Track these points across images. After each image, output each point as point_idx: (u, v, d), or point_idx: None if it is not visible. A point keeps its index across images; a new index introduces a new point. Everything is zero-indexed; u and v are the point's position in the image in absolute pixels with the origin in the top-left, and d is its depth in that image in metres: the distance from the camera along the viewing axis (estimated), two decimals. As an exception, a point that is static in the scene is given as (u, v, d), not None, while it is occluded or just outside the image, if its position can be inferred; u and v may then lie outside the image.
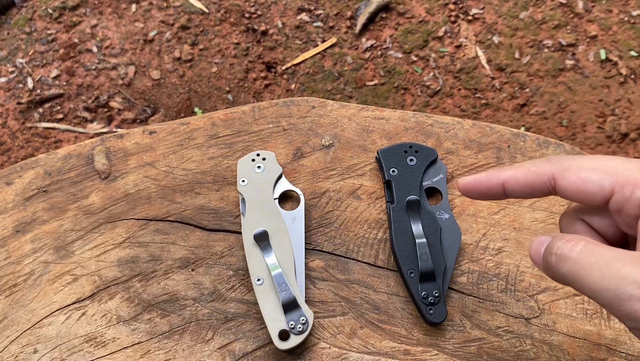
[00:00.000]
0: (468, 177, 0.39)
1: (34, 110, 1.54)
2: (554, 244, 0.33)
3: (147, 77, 1.58)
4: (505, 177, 0.37)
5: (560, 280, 0.33)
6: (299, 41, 1.63)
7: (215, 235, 0.58)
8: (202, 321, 0.54)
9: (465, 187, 0.39)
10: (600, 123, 1.48)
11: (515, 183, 0.37)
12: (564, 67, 1.55)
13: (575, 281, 0.32)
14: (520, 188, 0.37)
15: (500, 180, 0.37)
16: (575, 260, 0.32)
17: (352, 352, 0.52)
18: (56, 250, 0.57)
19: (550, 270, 0.34)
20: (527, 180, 0.36)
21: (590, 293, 0.31)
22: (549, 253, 0.33)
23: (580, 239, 0.33)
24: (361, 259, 0.56)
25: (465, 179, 0.39)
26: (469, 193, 0.39)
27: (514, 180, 0.37)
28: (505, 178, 0.37)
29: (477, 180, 0.38)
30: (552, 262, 0.33)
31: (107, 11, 1.68)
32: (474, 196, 0.39)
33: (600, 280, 0.30)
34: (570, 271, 0.32)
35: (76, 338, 0.53)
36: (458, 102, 1.53)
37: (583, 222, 0.37)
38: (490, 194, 0.38)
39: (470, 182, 0.39)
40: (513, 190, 0.37)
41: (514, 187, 0.37)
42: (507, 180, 0.37)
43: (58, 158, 0.62)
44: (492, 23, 1.63)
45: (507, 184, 0.37)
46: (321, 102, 0.64)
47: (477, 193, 0.39)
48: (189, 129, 0.63)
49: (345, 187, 0.60)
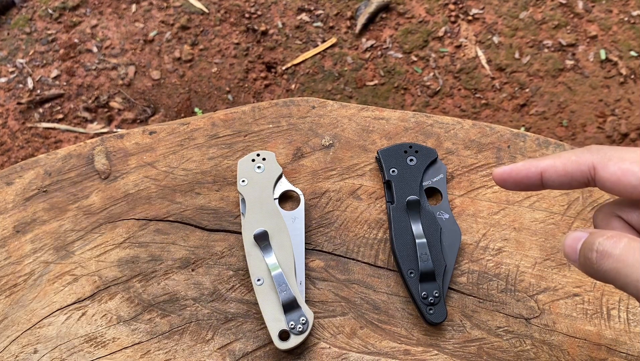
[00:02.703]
0: (504, 167, 0.37)
1: (34, 110, 1.54)
2: (594, 240, 0.32)
3: (147, 77, 1.58)
4: (544, 165, 0.36)
5: (601, 277, 0.32)
6: (299, 41, 1.63)
7: (215, 235, 0.58)
8: (202, 322, 0.54)
9: (502, 177, 0.37)
10: (600, 124, 1.48)
11: (554, 173, 0.35)
12: (564, 67, 1.55)
13: (618, 278, 0.31)
14: (559, 177, 0.35)
15: (539, 169, 0.36)
16: (618, 257, 0.30)
17: (352, 352, 0.52)
18: (56, 250, 0.57)
19: (589, 268, 0.32)
20: (566, 170, 0.35)
21: (633, 291, 0.30)
22: (589, 249, 0.32)
23: (622, 236, 0.31)
24: (361, 259, 0.56)
25: (501, 168, 0.38)
26: (504, 183, 0.38)
27: (553, 169, 0.35)
28: (544, 167, 0.36)
29: (514, 169, 0.37)
30: (593, 259, 0.32)
31: (107, 11, 1.68)
32: (509, 186, 0.38)
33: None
34: (613, 268, 0.31)
35: (76, 338, 0.53)
36: (458, 102, 1.53)
37: (619, 218, 0.36)
38: (527, 184, 0.37)
39: (506, 171, 0.37)
40: (551, 179, 0.36)
41: (552, 176, 0.36)
42: (546, 169, 0.36)
43: (58, 159, 0.62)
44: (492, 23, 1.63)
45: (545, 173, 0.36)
46: (321, 102, 0.64)
47: (513, 183, 0.37)
48: (189, 129, 0.63)
49: (345, 187, 0.60)
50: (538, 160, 0.36)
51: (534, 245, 0.57)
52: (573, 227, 0.57)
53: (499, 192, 0.59)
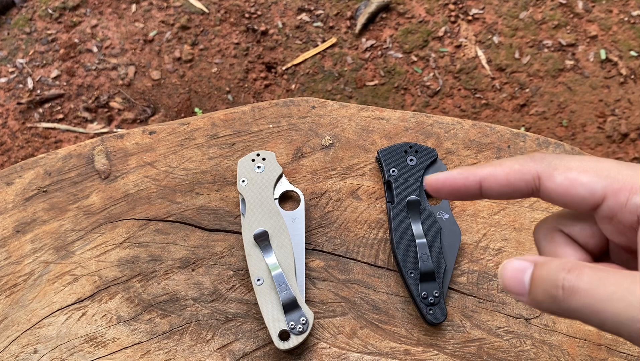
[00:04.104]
0: (438, 174, 0.34)
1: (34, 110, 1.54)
2: (557, 275, 0.28)
3: (147, 77, 1.58)
4: (484, 174, 0.32)
5: (569, 314, 0.28)
6: (299, 41, 1.63)
7: (215, 235, 0.58)
8: (202, 322, 0.54)
9: (435, 185, 0.34)
10: (600, 124, 1.48)
11: (495, 182, 0.32)
12: (564, 67, 1.55)
13: (590, 315, 0.27)
14: (500, 187, 0.32)
15: (477, 178, 0.32)
16: (587, 291, 0.27)
17: (352, 352, 0.52)
18: (56, 250, 0.57)
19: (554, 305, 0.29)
20: (508, 179, 0.32)
21: (612, 327, 0.27)
22: (553, 286, 0.28)
23: (581, 266, 0.28)
24: (361, 259, 0.56)
25: (434, 176, 0.34)
26: (437, 192, 0.34)
27: (493, 178, 0.32)
28: (484, 176, 0.32)
29: (449, 177, 0.33)
30: (560, 296, 0.28)
31: (107, 11, 1.68)
32: (443, 195, 0.34)
33: (625, 311, 0.26)
34: (585, 305, 0.27)
35: (76, 338, 0.53)
36: (458, 102, 1.53)
37: (562, 233, 0.33)
38: (463, 193, 0.33)
39: (440, 180, 0.33)
40: (491, 189, 0.32)
41: (492, 186, 0.32)
42: (485, 177, 0.32)
43: (58, 159, 0.62)
44: (492, 23, 1.63)
45: (485, 182, 0.32)
46: (321, 102, 0.64)
47: (447, 193, 0.34)
48: (189, 129, 0.63)
49: (345, 187, 0.60)
50: (477, 168, 0.33)
51: (534, 245, 0.57)
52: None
53: (499, 192, 0.59)
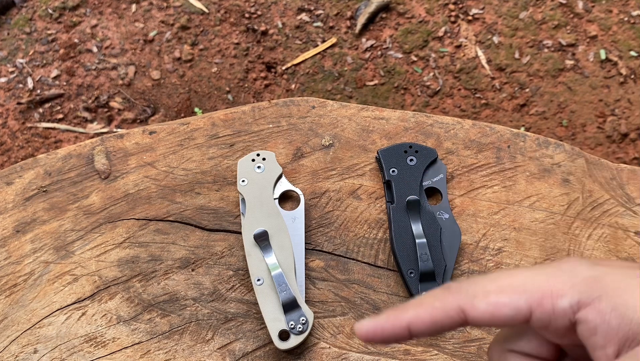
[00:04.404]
0: (366, 322, 0.33)
1: (34, 110, 1.54)
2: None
3: (147, 77, 1.58)
4: (409, 318, 0.31)
5: None
6: (299, 41, 1.63)
7: (215, 235, 0.58)
8: (202, 321, 0.54)
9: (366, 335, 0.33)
10: (600, 123, 1.48)
11: (422, 325, 0.31)
12: (564, 67, 1.55)
13: None
14: (428, 328, 0.31)
15: (404, 323, 0.32)
16: None
17: (352, 352, 0.52)
18: (56, 250, 0.57)
19: None
20: (434, 319, 0.31)
21: None
22: None
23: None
24: (361, 259, 0.56)
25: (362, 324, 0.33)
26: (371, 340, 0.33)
27: (420, 321, 0.31)
28: (409, 320, 0.31)
29: (378, 325, 0.32)
30: None
31: (107, 11, 1.68)
32: (377, 342, 0.33)
33: None
34: None
35: (76, 338, 0.53)
36: (458, 102, 1.53)
37: (513, 353, 0.33)
38: (396, 339, 0.32)
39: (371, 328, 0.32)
40: (420, 331, 0.32)
41: (420, 328, 0.31)
42: (411, 321, 0.31)
43: (58, 158, 0.62)
44: (492, 23, 1.63)
45: (412, 326, 0.31)
46: (321, 102, 0.64)
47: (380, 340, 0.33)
48: (189, 129, 0.63)
49: (345, 187, 0.60)
50: (401, 312, 0.32)
51: (534, 245, 0.57)
52: (573, 227, 0.57)
53: (499, 191, 0.59)
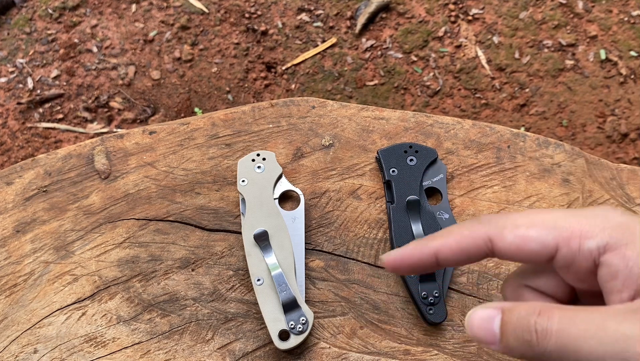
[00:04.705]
0: (394, 252, 0.34)
1: (34, 110, 1.54)
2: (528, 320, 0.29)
3: (147, 77, 1.58)
4: (437, 246, 0.33)
5: (545, 358, 0.29)
6: (299, 41, 1.63)
7: (215, 235, 0.58)
8: (202, 321, 0.54)
9: (393, 264, 0.34)
10: (600, 124, 1.48)
11: (449, 252, 0.33)
12: (564, 67, 1.55)
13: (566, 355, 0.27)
14: (455, 256, 0.33)
15: (432, 251, 0.33)
16: (560, 332, 0.28)
17: (352, 352, 0.52)
18: (56, 250, 0.57)
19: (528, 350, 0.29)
20: (461, 247, 0.32)
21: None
22: (526, 331, 0.29)
23: (550, 308, 0.29)
24: (361, 259, 0.56)
25: (391, 255, 0.34)
26: (397, 269, 0.35)
27: (447, 248, 0.33)
28: (437, 248, 0.33)
29: (405, 254, 0.34)
30: (534, 341, 0.29)
31: (107, 11, 1.68)
32: (403, 271, 0.35)
33: (599, 348, 0.26)
34: (559, 346, 0.28)
35: (76, 338, 0.53)
36: (458, 102, 1.53)
37: (528, 288, 0.34)
38: (422, 267, 0.34)
39: (398, 258, 0.34)
40: (447, 259, 0.33)
41: (447, 256, 0.33)
42: (439, 249, 0.33)
43: (58, 158, 0.62)
44: (492, 23, 1.63)
45: (440, 254, 0.33)
46: (321, 102, 0.64)
47: (407, 269, 0.34)
48: (189, 129, 0.63)
49: (345, 187, 0.60)
50: (429, 241, 0.34)
51: (534, 245, 0.57)
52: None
53: (499, 191, 0.59)
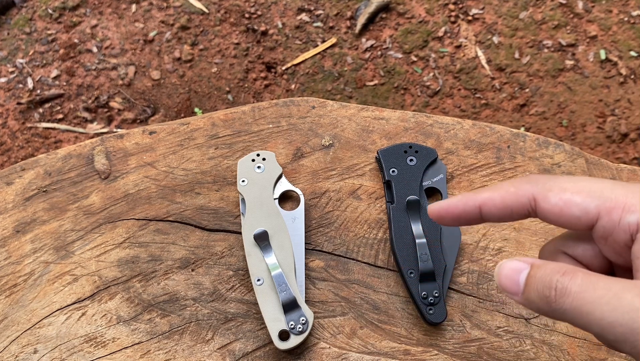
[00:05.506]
0: (440, 202, 0.36)
1: (34, 110, 1.54)
2: (551, 277, 0.30)
3: (147, 77, 1.58)
4: (482, 199, 0.34)
5: (559, 316, 0.30)
6: (299, 41, 1.63)
7: (215, 235, 0.58)
8: (202, 322, 0.54)
9: (438, 213, 0.36)
10: (600, 124, 1.48)
11: (493, 206, 0.34)
12: (563, 67, 1.55)
13: (579, 317, 0.29)
14: (498, 211, 0.34)
15: (477, 203, 0.34)
16: (577, 293, 0.29)
17: (352, 352, 0.52)
18: (56, 250, 0.57)
19: (545, 305, 0.30)
20: (505, 202, 0.33)
21: (597, 330, 0.28)
22: (547, 287, 0.30)
23: (576, 270, 0.30)
24: (361, 259, 0.56)
25: (437, 205, 0.36)
26: (441, 219, 0.36)
27: (492, 202, 0.34)
28: (482, 201, 0.34)
29: (451, 205, 0.35)
30: (552, 297, 0.30)
31: (107, 11, 1.68)
32: (447, 222, 0.36)
33: (610, 314, 0.27)
34: (574, 307, 0.29)
35: (76, 338, 0.53)
36: (458, 102, 1.53)
37: (566, 255, 0.35)
38: (466, 219, 0.35)
39: (443, 208, 0.35)
40: (491, 213, 0.34)
41: (491, 209, 0.34)
42: (484, 202, 0.34)
43: (58, 159, 0.62)
44: (492, 23, 1.63)
45: (484, 207, 0.34)
46: (321, 102, 0.64)
47: (451, 220, 0.35)
48: (189, 129, 0.63)
49: (345, 187, 0.60)
50: (475, 194, 0.34)
51: (534, 245, 0.57)
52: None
53: (499, 192, 0.59)
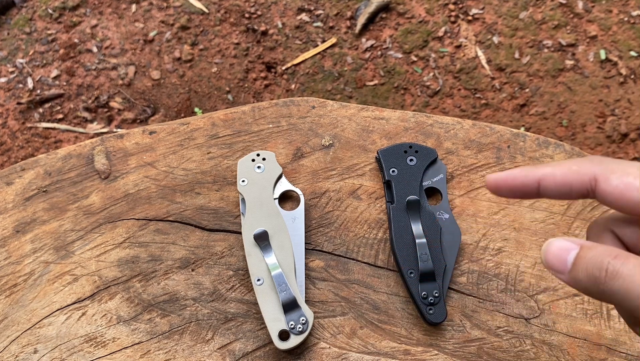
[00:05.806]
0: (499, 173, 0.35)
1: (34, 110, 1.54)
2: (602, 258, 0.30)
3: (147, 77, 1.58)
4: (543, 173, 0.34)
5: (607, 297, 0.30)
6: (299, 41, 1.63)
7: (215, 235, 0.58)
8: (202, 321, 0.54)
9: (496, 183, 0.35)
10: (600, 124, 1.48)
11: (553, 182, 0.34)
12: (563, 67, 1.55)
13: (628, 299, 0.29)
14: (557, 187, 0.34)
15: (537, 177, 0.34)
16: (628, 277, 0.29)
17: (352, 352, 0.52)
18: (56, 250, 0.57)
19: (594, 286, 0.31)
20: (566, 179, 0.33)
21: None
22: (598, 268, 0.30)
23: (628, 255, 0.30)
24: (361, 259, 0.56)
25: (496, 174, 0.35)
26: (498, 190, 0.36)
27: (552, 177, 0.34)
28: (543, 175, 0.34)
29: (510, 175, 0.35)
30: (602, 278, 0.30)
31: (107, 11, 1.68)
32: (503, 193, 0.36)
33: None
34: (623, 289, 0.29)
35: (76, 338, 0.53)
36: (458, 102, 1.53)
37: (612, 234, 0.35)
38: (522, 192, 0.35)
39: (502, 178, 0.35)
40: (549, 188, 0.34)
41: (550, 185, 0.34)
42: (544, 177, 0.34)
43: (58, 158, 0.62)
44: (492, 23, 1.63)
45: (543, 182, 0.34)
46: (321, 102, 0.64)
47: (507, 191, 0.35)
48: (189, 129, 0.63)
49: (345, 187, 0.60)
50: (536, 168, 0.35)
51: (534, 245, 0.57)
52: (573, 227, 0.57)
53: (499, 192, 0.59)
